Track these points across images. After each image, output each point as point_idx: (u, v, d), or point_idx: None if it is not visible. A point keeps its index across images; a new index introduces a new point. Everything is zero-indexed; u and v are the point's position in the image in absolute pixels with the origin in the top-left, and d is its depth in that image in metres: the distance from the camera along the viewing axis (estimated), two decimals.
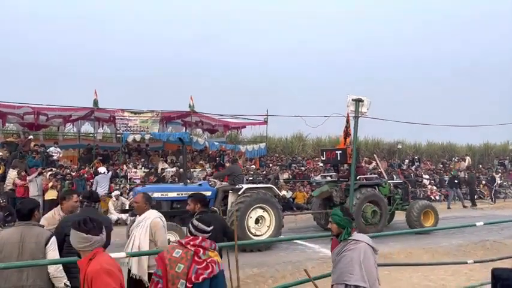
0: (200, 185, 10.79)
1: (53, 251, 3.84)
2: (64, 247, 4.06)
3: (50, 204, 11.66)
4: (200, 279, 2.93)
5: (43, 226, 4.19)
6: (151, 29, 47.68)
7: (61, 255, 3.98)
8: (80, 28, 42.89)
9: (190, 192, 5.67)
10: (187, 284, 2.93)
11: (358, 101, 5.05)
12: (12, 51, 37.42)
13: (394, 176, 19.02)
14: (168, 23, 47.69)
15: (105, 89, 31.19)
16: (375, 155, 18.81)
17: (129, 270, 4.62)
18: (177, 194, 10.01)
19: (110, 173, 15.29)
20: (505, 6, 47.55)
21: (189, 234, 3.21)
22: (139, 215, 4.80)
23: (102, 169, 14.68)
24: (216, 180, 10.90)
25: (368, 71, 47.23)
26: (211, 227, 3.22)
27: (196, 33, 48.80)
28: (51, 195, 12.88)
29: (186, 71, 44.79)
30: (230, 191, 10.32)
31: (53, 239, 3.90)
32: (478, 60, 46.84)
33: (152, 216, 4.75)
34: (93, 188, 13.61)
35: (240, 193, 10.04)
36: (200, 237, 3.13)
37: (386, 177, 14.32)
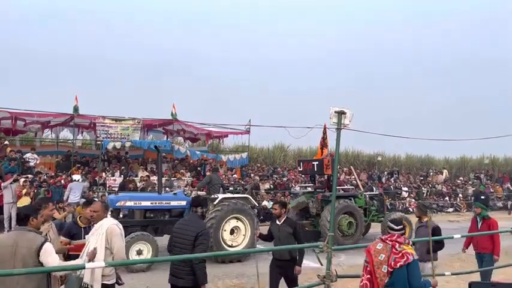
0: (175, 194, 10.47)
1: (49, 257, 3.86)
2: None
3: None
4: (398, 266, 3.79)
5: (41, 233, 4.19)
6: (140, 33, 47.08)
7: None
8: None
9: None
10: (389, 269, 3.82)
11: (340, 113, 5.12)
12: None
13: (374, 188, 19.23)
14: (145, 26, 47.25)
15: (85, 94, 30.71)
16: (351, 167, 19.05)
17: (81, 279, 4.49)
18: (151, 203, 9.67)
19: (86, 182, 14.87)
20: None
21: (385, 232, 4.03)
22: (96, 223, 4.72)
23: (76, 176, 14.08)
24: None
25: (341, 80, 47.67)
26: (400, 226, 4.07)
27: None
28: (24, 202, 12.45)
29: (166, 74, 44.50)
30: None
31: (47, 245, 3.92)
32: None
33: (109, 223, 4.67)
34: (66, 196, 13.11)
35: (215, 203, 9.88)
36: (396, 234, 3.98)
37: (362, 189, 14.46)
